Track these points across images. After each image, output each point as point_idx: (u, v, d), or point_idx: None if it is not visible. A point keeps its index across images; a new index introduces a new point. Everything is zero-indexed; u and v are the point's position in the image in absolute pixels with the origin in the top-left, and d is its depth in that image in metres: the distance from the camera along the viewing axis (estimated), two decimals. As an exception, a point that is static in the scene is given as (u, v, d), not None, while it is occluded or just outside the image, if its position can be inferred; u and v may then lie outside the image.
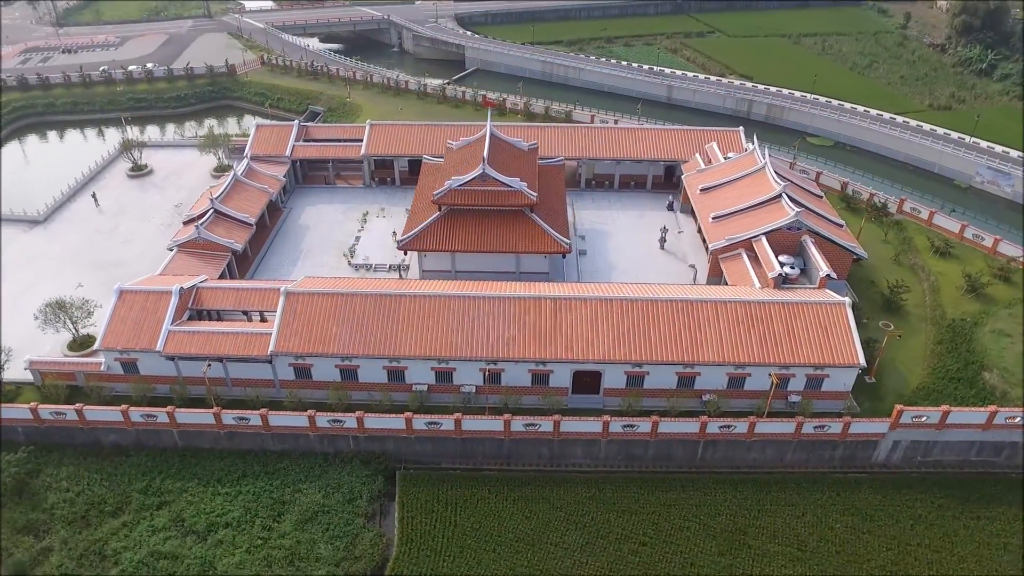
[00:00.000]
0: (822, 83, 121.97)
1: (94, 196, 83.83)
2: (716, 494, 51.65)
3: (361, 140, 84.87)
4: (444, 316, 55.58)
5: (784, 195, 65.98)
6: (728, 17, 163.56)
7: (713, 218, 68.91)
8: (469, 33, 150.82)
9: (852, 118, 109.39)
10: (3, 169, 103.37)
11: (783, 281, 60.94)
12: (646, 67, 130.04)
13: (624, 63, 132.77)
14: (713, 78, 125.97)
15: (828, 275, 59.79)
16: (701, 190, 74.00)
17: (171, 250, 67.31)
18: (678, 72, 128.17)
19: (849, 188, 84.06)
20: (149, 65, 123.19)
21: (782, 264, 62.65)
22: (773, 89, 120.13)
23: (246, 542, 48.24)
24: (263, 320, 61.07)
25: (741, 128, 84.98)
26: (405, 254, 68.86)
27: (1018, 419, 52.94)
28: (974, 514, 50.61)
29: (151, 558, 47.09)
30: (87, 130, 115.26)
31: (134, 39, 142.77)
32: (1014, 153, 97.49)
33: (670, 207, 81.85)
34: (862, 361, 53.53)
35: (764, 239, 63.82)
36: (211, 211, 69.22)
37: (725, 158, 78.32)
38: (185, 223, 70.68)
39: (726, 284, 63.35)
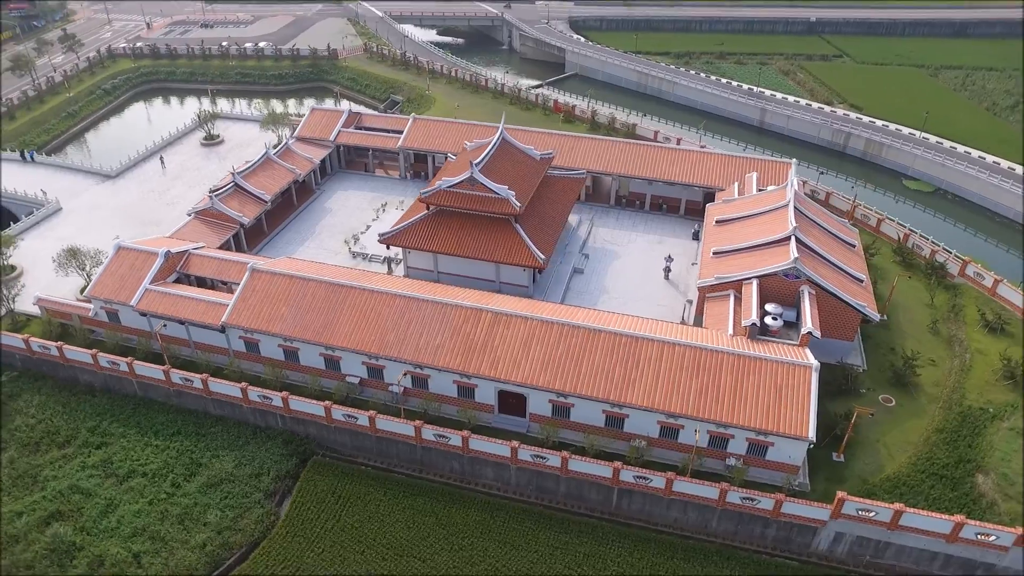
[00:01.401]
0: (943, 121, 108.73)
1: (161, 159, 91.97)
2: (613, 547, 47.97)
3: (402, 132, 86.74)
4: (383, 313, 55.72)
5: (794, 238, 59.67)
6: (863, 41, 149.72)
7: (714, 253, 63.79)
8: (575, 36, 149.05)
9: (959, 163, 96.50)
10: (123, 124, 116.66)
11: (759, 332, 55.33)
12: (745, 87, 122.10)
13: (724, 80, 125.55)
14: (815, 105, 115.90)
15: (810, 332, 53.43)
16: (717, 222, 68.81)
17: (189, 216, 72.50)
18: (778, 95, 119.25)
19: (910, 241, 74.36)
20: (261, 44, 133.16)
21: (767, 313, 57.04)
22: (879, 123, 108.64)
23: (152, 494, 51.31)
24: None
25: (794, 161, 77.64)
26: (388, 248, 69.64)
27: (993, 538, 44.63)
28: (905, 635, 43.45)
29: (69, 490, 51.37)
30: (203, 98, 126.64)
31: (265, 18, 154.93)
32: None
33: (695, 236, 76.62)
34: (811, 435, 47.36)
35: (755, 283, 58.13)
36: (231, 184, 73.82)
37: (759, 190, 72.26)
38: (211, 192, 75.68)
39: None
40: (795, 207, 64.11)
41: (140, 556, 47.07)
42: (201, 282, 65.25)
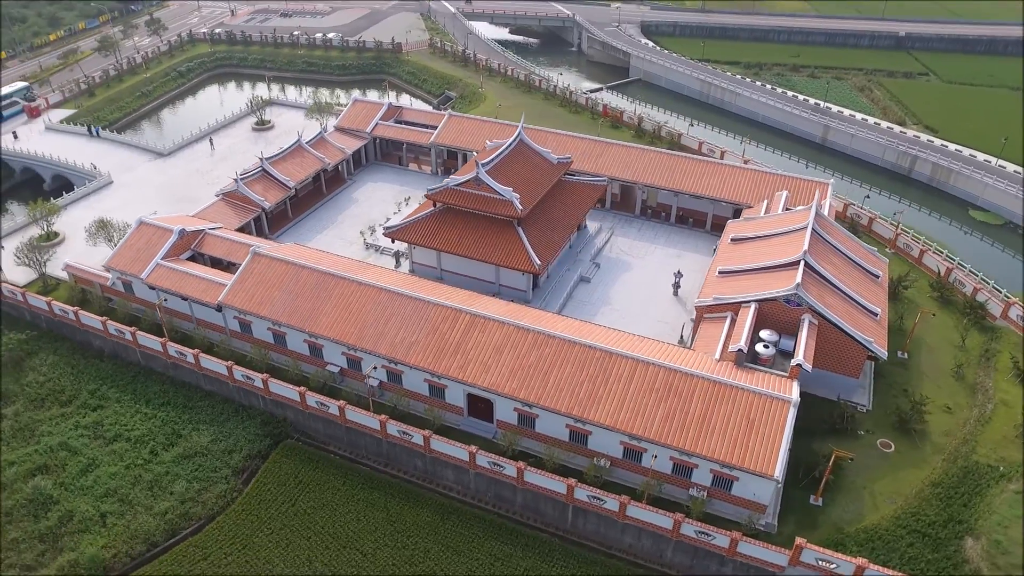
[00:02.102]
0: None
1: (211, 141, 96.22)
2: (556, 565, 46.65)
3: (436, 128, 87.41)
4: (365, 306, 56.26)
5: (803, 263, 56.26)
6: (955, 59, 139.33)
7: (719, 272, 61.07)
8: (645, 41, 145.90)
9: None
10: (194, 106, 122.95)
11: (746, 359, 52.46)
12: (812, 102, 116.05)
13: (789, 94, 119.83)
14: (884, 124, 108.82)
15: (799, 365, 50.18)
16: (732, 240, 65.84)
17: (217, 197, 75.50)
18: (845, 112, 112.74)
19: (952, 276, 68.65)
20: (330, 35, 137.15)
21: (759, 340, 54.06)
22: (951, 147, 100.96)
23: (131, 459, 53.77)
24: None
25: (831, 181, 73.37)
26: (393, 242, 70.17)
27: (967, 608, 40.69)
28: None
29: (59, 447, 54.56)
30: (271, 84, 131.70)
31: (342, 10, 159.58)
32: None
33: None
34: (777, 474, 44.49)
35: (753, 307, 55.22)
36: (259, 169, 76.40)
37: (786, 210, 68.64)
38: (237, 176, 78.41)
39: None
40: (815, 230, 60.61)
41: (106, 516, 49.42)
42: (216, 262, 67.73)
